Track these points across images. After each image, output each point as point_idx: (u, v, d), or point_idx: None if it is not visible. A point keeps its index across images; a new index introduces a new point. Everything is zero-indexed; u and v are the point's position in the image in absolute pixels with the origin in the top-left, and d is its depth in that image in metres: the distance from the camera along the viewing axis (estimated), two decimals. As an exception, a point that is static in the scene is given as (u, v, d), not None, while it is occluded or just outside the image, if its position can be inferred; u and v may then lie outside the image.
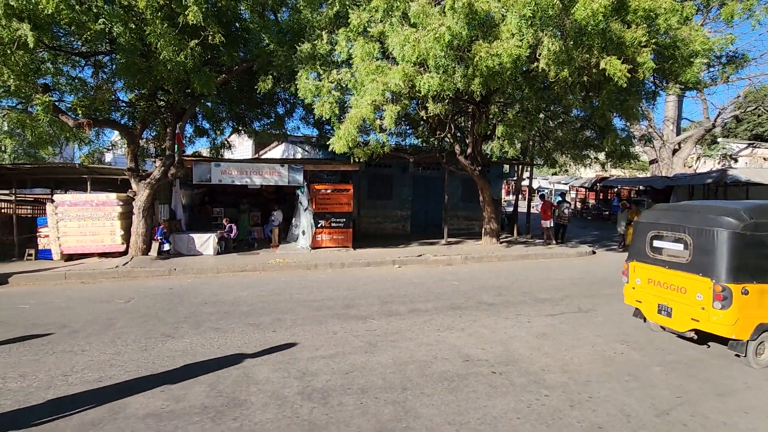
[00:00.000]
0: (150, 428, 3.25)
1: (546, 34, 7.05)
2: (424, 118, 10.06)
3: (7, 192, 11.17)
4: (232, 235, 11.73)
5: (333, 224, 11.93)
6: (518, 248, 12.40)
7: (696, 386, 4.07)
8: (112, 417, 3.40)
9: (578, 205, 26.66)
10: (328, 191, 11.97)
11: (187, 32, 8.15)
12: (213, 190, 14.24)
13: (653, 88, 10.70)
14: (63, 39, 9.00)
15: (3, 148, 10.83)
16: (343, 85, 8.53)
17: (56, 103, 9.05)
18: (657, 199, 19.40)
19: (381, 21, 7.62)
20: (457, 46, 7.03)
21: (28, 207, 13.44)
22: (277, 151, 19.52)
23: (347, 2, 8.36)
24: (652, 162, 22.89)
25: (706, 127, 20.74)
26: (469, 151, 11.70)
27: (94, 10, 7.54)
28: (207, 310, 6.39)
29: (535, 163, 15.61)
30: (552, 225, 13.65)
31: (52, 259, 10.06)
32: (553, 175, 30.77)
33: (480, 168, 11.93)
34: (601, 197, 25.93)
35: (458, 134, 12.37)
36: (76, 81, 9.56)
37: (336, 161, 12.09)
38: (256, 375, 4.18)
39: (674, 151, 21.80)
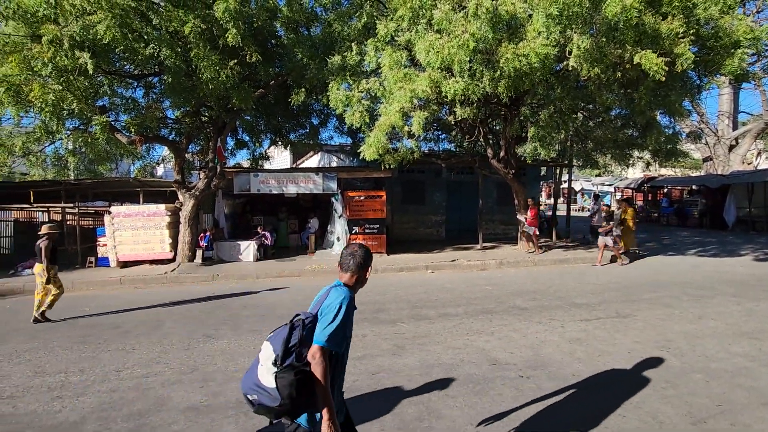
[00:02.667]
0: (190, 420, 3.51)
1: (575, 32, 6.91)
2: (454, 122, 10.08)
3: (71, 205, 12.30)
4: (268, 242, 12.20)
5: (367, 230, 12.13)
6: (556, 253, 12.04)
7: (740, 395, 3.83)
8: (157, 409, 3.70)
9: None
10: (362, 198, 12.20)
11: (227, 52, 8.67)
12: (253, 199, 14.89)
13: (698, 81, 10.14)
14: (117, 64, 9.83)
15: (68, 165, 11.89)
16: (373, 94, 8.73)
17: (112, 123, 9.87)
18: (712, 199, 18.18)
19: (407, 29, 7.78)
20: (482, 50, 7.04)
21: (90, 219, 14.65)
22: (313, 161, 20.10)
23: (375, 13, 8.60)
24: (705, 159, 21.48)
25: (766, 120, 19.23)
26: (502, 154, 11.56)
27: (145, 37, 8.20)
28: (246, 314, 6.72)
29: (574, 164, 15.12)
30: (537, 232, 12.44)
31: (109, 266, 10.92)
32: (596, 176, 29.56)
33: (514, 171, 11.74)
34: (649, 198, 24.60)
35: (491, 137, 12.24)
36: (129, 101, 10.41)
37: (368, 168, 12.33)
38: (287, 374, 4.37)
39: (731, 148, 20.34)
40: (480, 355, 4.82)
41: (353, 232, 11.99)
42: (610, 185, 26.76)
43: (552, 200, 16.42)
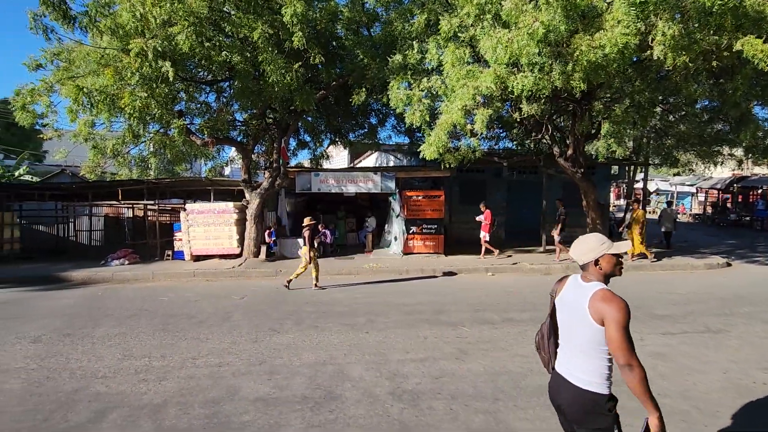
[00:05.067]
0: (259, 411, 3.63)
1: (660, 18, 6.32)
2: (519, 119, 9.66)
3: (152, 202, 13.41)
4: (328, 240, 12.47)
5: (424, 230, 12.01)
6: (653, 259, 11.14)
7: None
8: (229, 398, 3.87)
9: (708, 209, 23.06)
10: (420, 197, 12.09)
11: (292, 56, 8.97)
12: (313, 197, 15.32)
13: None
14: (193, 71, 10.53)
15: (149, 166, 12.96)
16: (434, 92, 8.60)
17: (188, 126, 10.59)
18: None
19: (472, 25, 7.55)
20: (553, 42, 6.66)
21: (167, 215, 15.87)
22: (370, 160, 20.31)
23: (438, 9, 8.45)
24: (810, 157, 18.86)
25: None
26: (569, 152, 10.90)
27: (218, 45, 8.70)
28: (307, 309, 6.90)
29: (650, 162, 13.93)
30: (488, 238, 11.45)
31: (184, 260, 11.74)
32: (674, 175, 27.09)
33: (582, 170, 11.02)
34: (740, 200, 22.10)
35: (557, 135, 11.60)
36: (203, 106, 11.12)
37: (427, 168, 12.20)
38: (350, 372, 4.40)
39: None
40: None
41: (411, 231, 11.93)
42: (691, 185, 24.39)
43: (623, 202, 15.26)
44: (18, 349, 5.14)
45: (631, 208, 11.14)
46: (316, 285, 8.39)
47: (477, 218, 11.65)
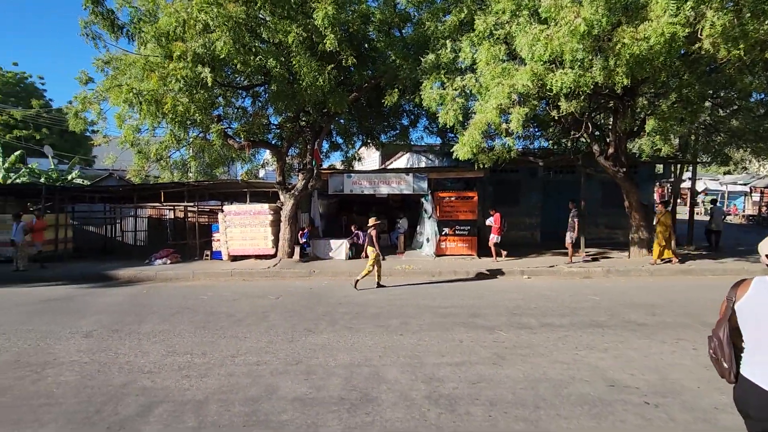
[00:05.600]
0: (297, 411, 3.66)
1: (709, 7, 5.95)
2: (556, 118, 9.35)
3: (192, 204, 13.94)
4: (360, 241, 12.52)
5: (457, 232, 11.86)
6: (677, 262, 10.56)
7: None
8: (268, 396, 3.93)
9: (763, 209, 21.54)
10: (452, 198, 11.95)
11: (325, 58, 9.07)
12: (345, 199, 15.45)
13: None
14: (231, 76, 10.86)
15: (190, 169, 13.47)
16: (467, 91, 8.46)
17: (225, 130, 10.93)
18: None
19: (507, 22, 7.38)
20: (595, 37, 6.40)
21: (206, 216, 16.45)
22: (401, 161, 20.27)
23: (472, 7, 8.32)
24: None
25: None
26: (610, 150, 10.46)
27: (253, 50, 8.93)
28: (341, 310, 6.94)
29: (699, 161, 13.16)
30: (498, 241, 11.13)
31: (222, 260, 12.11)
32: (725, 174, 25.49)
33: (624, 169, 10.54)
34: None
35: (596, 133, 11.16)
36: (239, 110, 11.45)
37: (460, 168, 12.04)
38: (385, 375, 4.38)
39: None
40: (593, 374, 4.35)
41: (443, 233, 11.80)
42: (744, 185, 22.86)
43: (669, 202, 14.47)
44: (72, 344, 5.44)
45: (656, 209, 10.59)
46: (378, 285, 8.69)
47: (486, 222, 11.45)
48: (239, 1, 8.27)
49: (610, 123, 11.00)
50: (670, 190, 17.10)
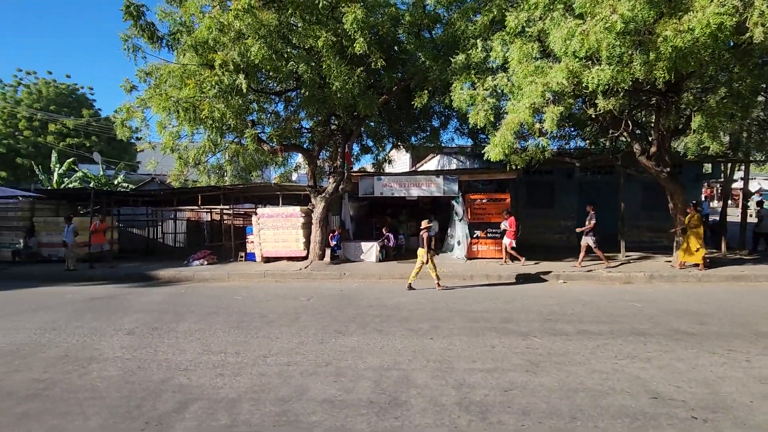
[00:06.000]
0: (326, 412, 3.67)
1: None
2: (593, 116, 9.00)
3: (227, 207, 14.39)
4: (391, 243, 12.51)
5: (489, 234, 11.64)
6: (727, 267, 9.91)
7: None
8: (297, 397, 3.96)
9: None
10: (484, 201, 11.74)
11: (354, 62, 9.15)
12: (375, 202, 15.50)
13: None
14: (264, 82, 11.14)
15: (225, 173, 13.91)
16: (499, 91, 8.30)
17: (259, 135, 11.22)
18: None
19: (540, 18, 7.18)
20: (633, 30, 6.11)
21: (241, 219, 16.95)
22: (432, 163, 20.13)
23: (503, 5, 8.16)
24: None
25: None
26: (652, 149, 9.94)
27: (285, 56, 9.13)
28: (371, 313, 6.93)
29: (752, 159, 12.32)
30: (513, 244, 10.76)
31: (255, 261, 12.43)
32: (780, 173, 23.73)
33: (669, 169, 9.99)
34: None
35: (637, 131, 10.65)
36: (272, 115, 11.72)
37: (491, 170, 11.82)
38: (415, 379, 4.32)
39: None
40: (635, 385, 4.12)
41: (475, 236, 11.60)
42: (802, 184, 21.19)
43: (718, 203, 13.62)
44: (115, 340, 5.71)
45: (687, 211, 9.99)
46: (438, 285, 8.68)
47: (501, 226, 11.19)
48: (272, 8, 8.48)
49: (653, 120, 10.47)
50: (720, 191, 16.08)
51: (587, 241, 10.26)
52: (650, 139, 10.32)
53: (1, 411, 3.75)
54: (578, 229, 10.72)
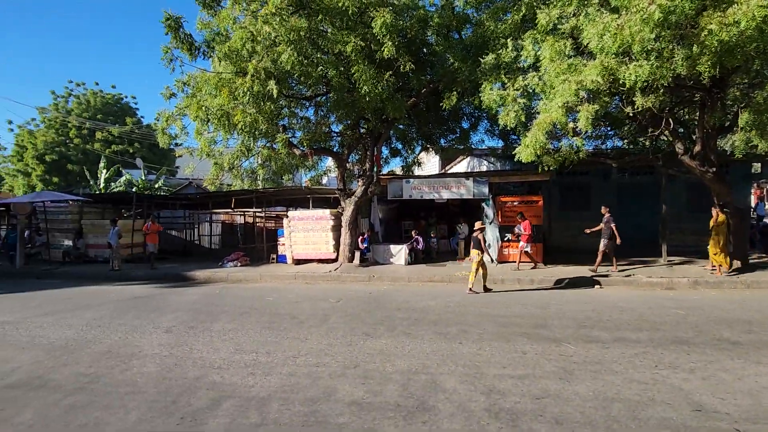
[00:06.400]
0: (354, 414, 3.69)
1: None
2: (631, 114, 8.64)
3: (259, 210, 14.78)
4: (420, 246, 12.45)
5: (521, 237, 11.35)
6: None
7: None
8: (326, 398, 4.01)
9: None
10: (515, 203, 11.50)
11: (383, 65, 9.20)
12: (404, 204, 15.48)
13: None
14: (295, 88, 11.39)
15: (258, 177, 14.30)
16: (530, 91, 8.11)
17: (290, 139, 11.46)
18: None
19: (574, 14, 6.98)
20: (674, 24, 5.83)
21: (272, 221, 17.35)
22: (461, 166, 19.91)
23: (534, 3, 7.99)
24: None
25: None
26: (697, 148, 9.42)
27: (315, 61, 9.29)
28: (400, 316, 6.92)
29: (808, 157, 11.44)
30: (527, 249, 10.61)
31: (286, 263, 12.68)
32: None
33: (714, 169, 9.43)
34: None
35: (680, 129, 10.14)
36: (303, 120, 11.95)
37: (523, 171, 11.55)
38: (443, 383, 4.28)
39: None
40: (676, 396, 3.91)
41: (505, 239, 11.37)
42: None
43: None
44: (154, 338, 5.97)
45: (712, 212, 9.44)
46: (470, 290, 8.57)
47: (515, 230, 11.05)
48: (302, 15, 8.66)
49: (696, 118, 9.93)
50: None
51: (602, 244, 10.00)
52: (694, 137, 9.80)
53: (52, 402, 3.99)
54: (587, 230, 10.49)
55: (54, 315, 7.42)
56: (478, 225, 8.73)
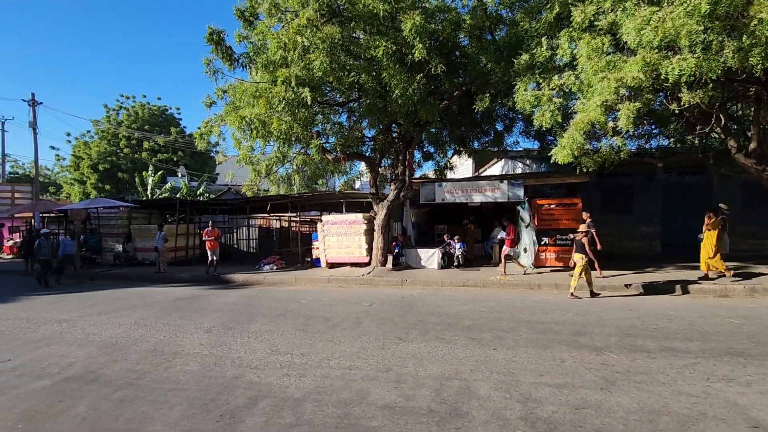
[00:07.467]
0: (386, 418, 3.69)
1: None
2: (677, 111, 8.19)
3: (295, 215, 15.12)
4: (453, 250, 12.30)
5: (558, 242, 11.02)
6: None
7: None
8: (358, 401, 4.03)
9: None
10: (552, 206, 11.16)
11: (414, 69, 9.20)
12: (437, 208, 15.36)
13: None
14: (328, 95, 11.60)
15: (293, 182, 14.63)
16: (566, 90, 7.86)
17: (324, 145, 11.68)
18: None
19: (612, 10, 6.72)
20: (722, 15, 5.49)
21: (307, 226, 17.70)
22: (496, 168, 19.55)
23: (568, 1, 7.76)
24: None
25: None
26: (752, 146, 8.79)
27: (347, 67, 9.43)
28: (432, 320, 6.86)
29: None
30: (506, 252, 10.25)
31: (320, 267, 12.88)
32: None
33: (772, 167, 8.78)
34: None
35: (733, 126, 9.50)
36: (336, 126, 12.14)
37: (560, 173, 11.21)
38: (477, 390, 4.20)
39: None
40: (731, 411, 3.65)
41: (542, 243, 11.05)
42: None
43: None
44: (195, 338, 6.22)
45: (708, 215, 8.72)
46: (571, 294, 8.33)
47: (498, 236, 10.89)
48: (335, 23, 8.83)
49: (751, 114, 9.28)
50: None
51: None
52: (749, 134, 9.15)
53: (104, 396, 4.24)
54: (571, 235, 10.01)
55: (106, 314, 7.89)
56: (581, 228, 8.47)
